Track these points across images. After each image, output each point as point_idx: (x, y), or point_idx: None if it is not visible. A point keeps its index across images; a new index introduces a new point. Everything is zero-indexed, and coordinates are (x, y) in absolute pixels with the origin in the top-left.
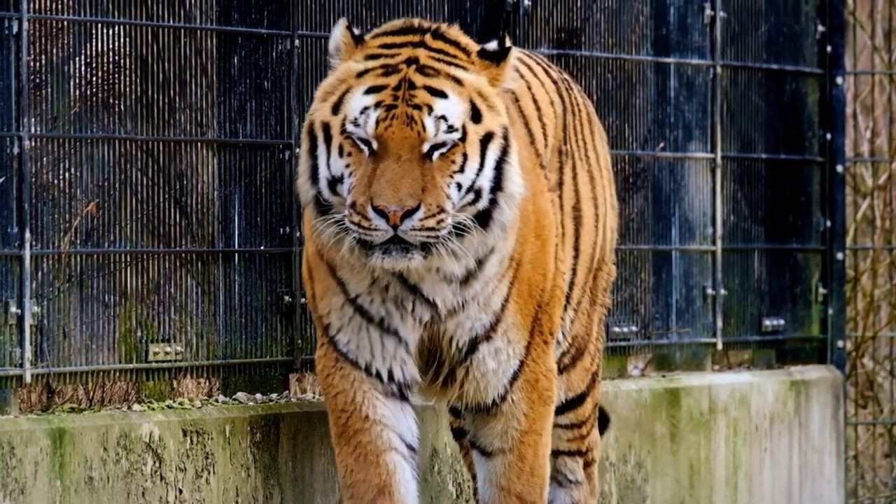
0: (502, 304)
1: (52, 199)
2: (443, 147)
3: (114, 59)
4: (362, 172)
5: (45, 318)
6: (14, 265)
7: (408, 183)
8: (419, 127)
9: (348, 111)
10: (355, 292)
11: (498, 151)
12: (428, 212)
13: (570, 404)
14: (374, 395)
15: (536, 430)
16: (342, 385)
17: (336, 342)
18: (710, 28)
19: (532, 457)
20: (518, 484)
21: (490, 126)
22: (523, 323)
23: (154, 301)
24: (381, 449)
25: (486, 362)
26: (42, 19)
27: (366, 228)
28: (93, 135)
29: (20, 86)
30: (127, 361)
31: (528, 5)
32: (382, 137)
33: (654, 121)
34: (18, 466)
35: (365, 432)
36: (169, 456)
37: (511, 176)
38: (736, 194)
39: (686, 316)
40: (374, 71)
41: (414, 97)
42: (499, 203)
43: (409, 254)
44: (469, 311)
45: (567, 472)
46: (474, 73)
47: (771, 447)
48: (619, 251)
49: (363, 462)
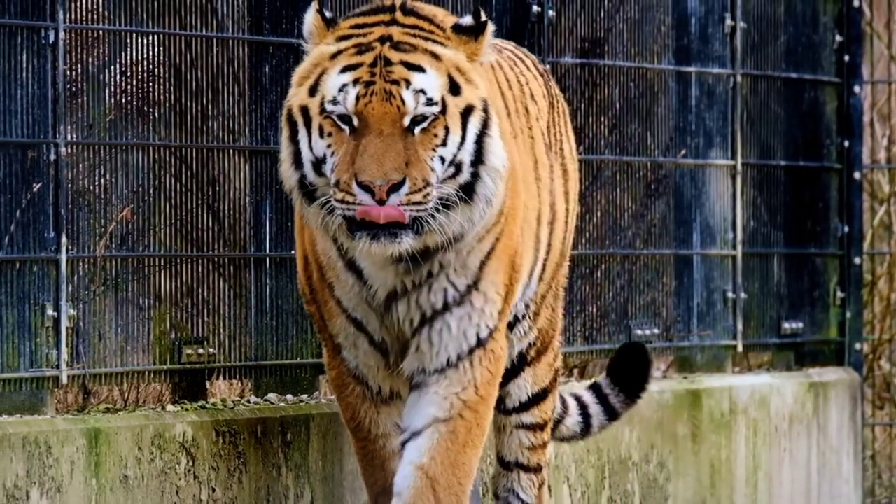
0: (482, 260)
1: (87, 204)
2: (423, 121)
3: (148, 68)
4: (345, 150)
5: (80, 320)
6: (51, 269)
7: (391, 157)
8: (398, 101)
9: (326, 91)
10: (349, 307)
11: (479, 124)
12: (413, 186)
13: (534, 399)
14: (374, 412)
15: (477, 410)
16: (349, 399)
17: (344, 359)
18: (731, 38)
19: (463, 441)
20: (439, 467)
21: (470, 99)
22: (502, 281)
23: (187, 304)
24: (385, 457)
25: (449, 327)
26: (78, 29)
27: (350, 204)
28: (127, 142)
29: (56, 94)
30: (161, 363)
31: (553, 15)
32: (363, 114)
33: (675, 128)
34: (55, 466)
35: (370, 443)
36: (202, 455)
37: (493, 149)
38: (756, 200)
39: (707, 319)
40: (348, 51)
41: (391, 73)
42: (481, 176)
43: (397, 237)
44: (440, 279)
45: (521, 491)
46: (451, 48)
47: (790, 447)
48: (642, 256)
49: (371, 465)
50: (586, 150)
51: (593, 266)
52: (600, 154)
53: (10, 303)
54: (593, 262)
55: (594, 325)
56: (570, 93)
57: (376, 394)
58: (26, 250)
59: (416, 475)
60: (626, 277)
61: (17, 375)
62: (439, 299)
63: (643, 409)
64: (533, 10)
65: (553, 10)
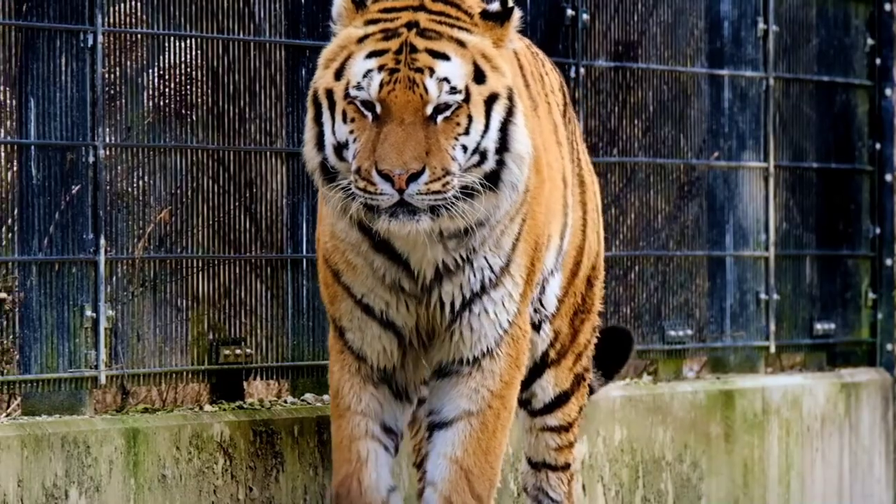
0: (514, 242)
1: (126, 206)
2: (446, 109)
3: (186, 71)
4: (366, 137)
5: (119, 321)
6: (89, 270)
7: (412, 146)
8: (421, 90)
9: (351, 76)
10: (360, 293)
11: (503, 112)
12: (433, 175)
13: (556, 401)
14: (362, 388)
15: (504, 397)
16: (339, 373)
17: (346, 339)
18: (763, 41)
19: (492, 430)
20: (472, 458)
21: (494, 87)
22: (525, 263)
23: (225, 305)
24: (356, 436)
25: (486, 313)
26: (116, 33)
27: (371, 193)
28: (165, 144)
29: (95, 97)
30: (199, 363)
31: (587, 19)
32: (385, 101)
33: (708, 131)
34: (94, 465)
35: (345, 419)
36: (239, 455)
37: (517, 136)
38: (788, 202)
39: (740, 320)
40: (374, 36)
41: (416, 60)
42: (506, 163)
43: (416, 216)
44: (477, 261)
45: (550, 489)
46: (477, 34)
47: (822, 447)
48: (675, 257)
49: (339, 445)
50: (620, 152)
51: (627, 267)
52: (634, 156)
53: (50, 304)
54: (627, 263)
55: (628, 325)
56: (604, 96)
57: (373, 372)
58: (65, 252)
59: (450, 468)
60: (659, 279)
61: (56, 376)
62: (478, 280)
63: (676, 409)
64: (567, 13)
65: (587, 14)
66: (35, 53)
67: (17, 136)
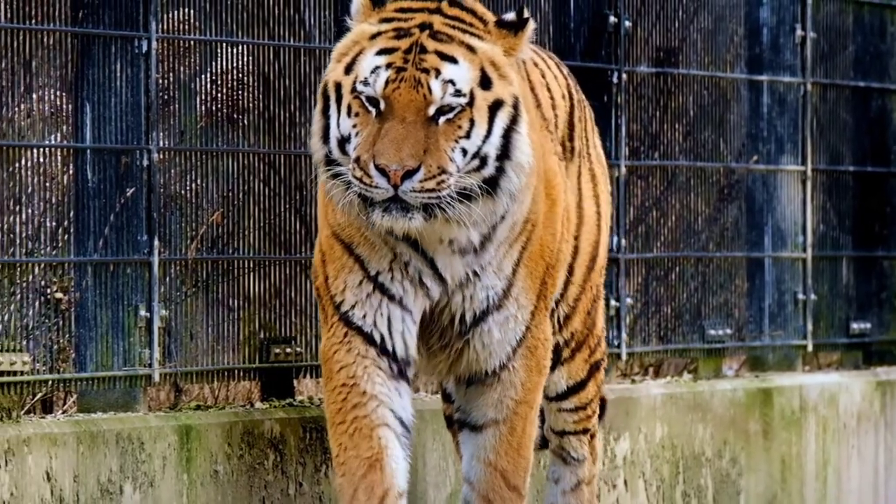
0: (514, 267)
1: (179, 208)
2: (449, 111)
3: (237, 77)
4: (368, 132)
5: (172, 320)
6: (143, 271)
7: (410, 144)
8: (425, 90)
9: (359, 71)
10: (375, 269)
11: (507, 119)
12: (428, 173)
13: (571, 390)
14: (375, 372)
15: (529, 402)
16: (346, 360)
17: (349, 318)
18: (801, 48)
19: (521, 430)
20: (505, 459)
21: (500, 94)
22: (532, 287)
23: (275, 305)
24: (375, 423)
25: (493, 331)
26: (170, 39)
27: (367, 185)
28: (217, 148)
29: (149, 102)
30: (250, 362)
31: (629, 26)
32: (389, 98)
33: (747, 135)
34: (147, 461)
35: (362, 407)
36: (289, 451)
37: (519, 145)
38: (825, 204)
39: (778, 319)
40: (387, 34)
41: (424, 61)
42: (506, 171)
43: (409, 213)
44: (483, 279)
45: (571, 449)
46: (489, 42)
47: (858, 444)
48: (715, 258)
49: (357, 437)
50: (661, 156)
51: (668, 268)
52: (675, 160)
53: (105, 304)
54: (668, 264)
55: (669, 325)
56: (646, 101)
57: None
58: (120, 253)
59: (486, 471)
60: (699, 279)
61: (111, 374)
62: (484, 299)
63: (716, 406)
64: (610, 20)
65: (629, 21)
66: (91, 59)
67: (74, 140)
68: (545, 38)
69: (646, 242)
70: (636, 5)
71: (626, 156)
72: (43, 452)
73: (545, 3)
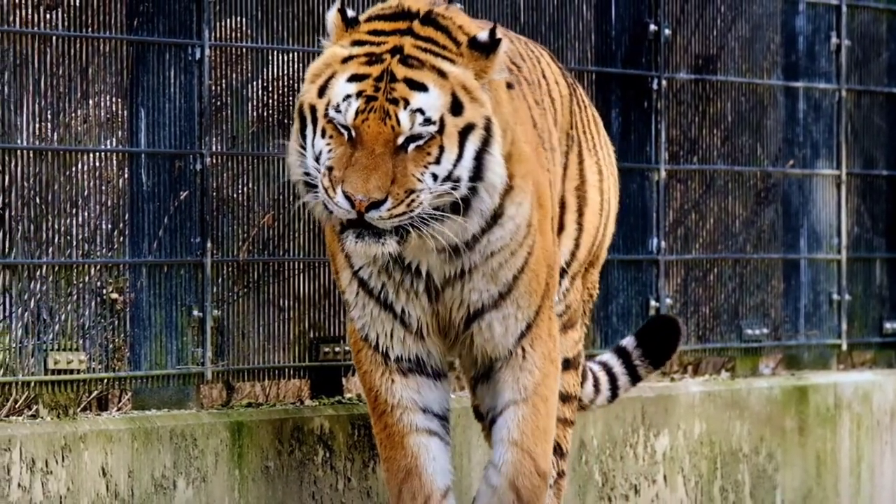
0: (515, 274)
1: (231, 211)
2: (419, 139)
3: (288, 83)
4: (342, 151)
5: (224, 320)
6: (196, 272)
7: (377, 176)
8: (394, 121)
9: (332, 96)
10: (357, 265)
11: (478, 142)
12: (395, 201)
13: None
14: (390, 379)
15: (547, 386)
16: (367, 366)
17: (353, 319)
18: (836, 55)
19: (544, 411)
20: (531, 439)
21: (471, 118)
22: (536, 289)
23: (324, 305)
24: (405, 432)
25: (494, 325)
26: (223, 47)
27: (331, 198)
28: (269, 152)
29: (202, 107)
30: (300, 360)
31: (669, 34)
32: (360, 129)
33: (784, 140)
34: (200, 457)
35: (389, 415)
36: (338, 447)
37: (492, 166)
38: (859, 208)
39: (813, 319)
40: (359, 58)
41: (393, 90)
42: (478, 192)
43: (381, 238)
44: (473, 281)
45: (559, 441)
46: (461, 65)
47: (892, 441)
48: (752, 260)
49: (390, 443)
50: (700, 160)
51: (706, 269)
52: (713, 164)
53: (159, 304)
54: (706, 265)
55: (707, 324)
56: (685, 106)
57: (386, 359)
58: (173, 254)
59: (512, 450)
60: (737, 280)
61: (164, 372)
62: (479, 300)
63: (753, 403)
64: (650, 28)
65: (669, 29)
66: (145, 66)
67: (129, 144)
68: (587, 46)
69: (685, 244)
70: (676, 14)
71: (665, 160)
72: (98, 449)
73: (587, 11)
